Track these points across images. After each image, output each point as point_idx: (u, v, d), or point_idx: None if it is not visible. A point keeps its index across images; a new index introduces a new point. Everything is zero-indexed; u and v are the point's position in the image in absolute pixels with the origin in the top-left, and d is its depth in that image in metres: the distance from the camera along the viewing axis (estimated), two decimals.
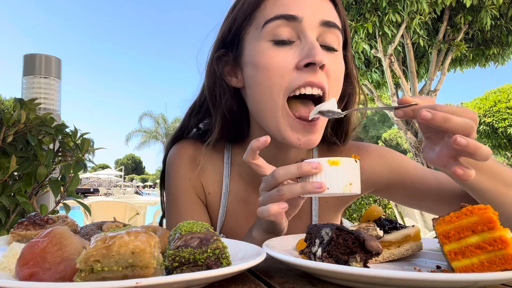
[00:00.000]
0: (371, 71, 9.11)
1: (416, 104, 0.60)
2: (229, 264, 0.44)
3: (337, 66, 0.77)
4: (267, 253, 0.53)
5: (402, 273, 0.41)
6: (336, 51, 0.76)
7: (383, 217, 0.68)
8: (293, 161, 0.83)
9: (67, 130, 1.20)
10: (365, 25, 7.04)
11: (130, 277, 0.39)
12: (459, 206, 0.50)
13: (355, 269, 0.43)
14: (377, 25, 7.17)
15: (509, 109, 10.81)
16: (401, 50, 8.52)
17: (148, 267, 0.39)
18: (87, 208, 1.25)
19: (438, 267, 0.57)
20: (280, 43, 0.73)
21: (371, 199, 4.99)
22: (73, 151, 1.21)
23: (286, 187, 0.63)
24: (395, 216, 4.72)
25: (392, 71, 8.41)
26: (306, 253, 0.57)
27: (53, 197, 1.16)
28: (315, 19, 0.73)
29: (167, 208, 0.95)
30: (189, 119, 0.94)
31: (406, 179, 0.87)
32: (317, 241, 0.55)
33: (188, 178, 0.91)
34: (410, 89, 8.47)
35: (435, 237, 0.54)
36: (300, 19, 0.72)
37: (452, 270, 0.49)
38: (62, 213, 1.02)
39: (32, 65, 1.61)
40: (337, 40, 0.76)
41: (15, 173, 1.10)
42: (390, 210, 5.31)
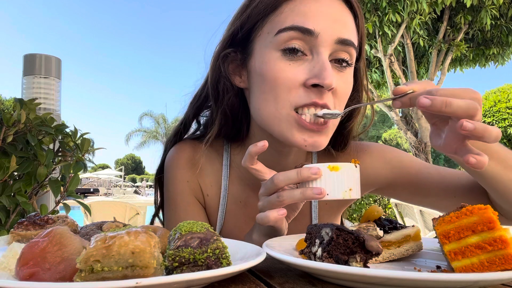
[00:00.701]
0: (371, 71, 9.11)
1: (412, 92, 0.58)
2: (229, 264, 0.44)
3: (345, 85, 0.73)
4: (267, 253, 0.53)
5: (402, 273, 0.41)
6: (348, 66, 0.73)
7: (383, 217, 0.68)
8: (292, 164, 0.82)
9: (67, 130, 1.20)
10: (365, 25, 7.03)
11: (130, 277, 0.39)
12: (459, 206, 0.50)
13: (355, 269, 0.43)
14: (377, 25, 7.17)
15: (509, 109, 10.82)
16: (401, 50, 8.53)
17: (148, 267, 0.39)
18: (87, 208, 1.25)
19: (438, 267, 0.57)
20: (291, 56, 0.69)
21: (371, 199, 5.00)
22: (73, 151, 1.21)
23: (285, 192, 0.62)
24: (395, 216, 4.72)
25: (392, 71, 8.42)
26: (306, 253, 0.57)
27: (53, 197, 1.16)
28: (331, 36, 0.68)
29: (165, 210, 0.94)
30: (190, 109, 0.92)
31: (409, 176, 0.86)
32: (317, 241, 0.55)
33: (186, 180, 0.90)
34: None
35: (435, 237, 0.54)
36: (316, 35, 0.68)
37: (452, 270, 0.49)
38: (62, 213, 1.02)
39: (32, 65, 1.61)
40: (350, 57, 0.73)
41: (15, 173, 1.10)
42: (390, 210, 5.31)
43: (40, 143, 1.12)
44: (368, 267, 0.52)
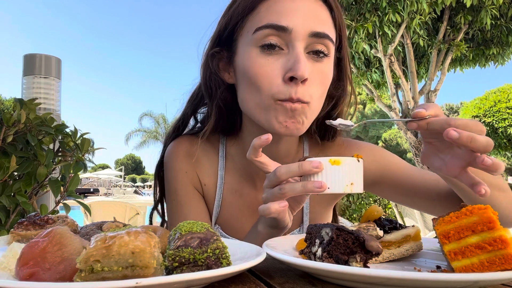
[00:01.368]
0: (371, 71, 9.10)
1: (430, 117, 0.61)
2: (229, 264, 0.44)
3: (322, 75, 0.77)
4: (267, 253, 0.53)
5: (402, 273, 0.41)
6: (325, 56, 0.77)
7: (383, 217, 0.68)
8: (284, 154, 0.90)
9: (67, 130, 1.20)
10: (365, 25, 7.04)
11: (130, 277, 0.39)
12: (459, 206, 0.50)
13: (355, 269, 0.43)
14: (377, 25, 7.17)
15: (509, 109, 10.81)
16: (401, 50, 8.52)
17: (148, 267, 0.39)
18: (87, 208, 1.25)
19: (438, 267, 0.57)
20: (268, 51, 0.75)
21: (371, 199, 5.00)
22: (73, 151, 1.21)
23: (287, 185, 0.64)
24: (395, 216, 4.72)
25: (392, 71, 8.42)
26: (306, 253, 0.57)
27: (53, 197, 1.16)
28: (304, 31, 0.73)
29: (167, 201, 0.99)
30: (188, 105, 0.98)
31: (394, 175, 0.92)
32: (317, 241, 0.55)
33: (185, 171, 0.95)
34: (410, 89, 8.47)
35: (435, 237, 0.54)
36: (290, 31, 0.73)
37: (452, 270, 0.49)
38: (62, 213, 1.02)
39: (32, 65, 1.61)
40: (327, 48, 0.77)
41: (15, 173, 1.10)
42: (390, 210, 5.31)
43: (40, 143, 1.12)
44: (368, 267, 0.52)
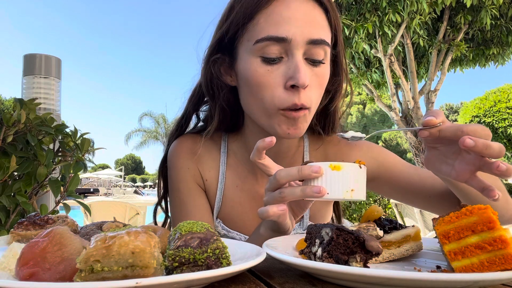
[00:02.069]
0: (371, 71, 9.10)
1: (440, 125, 0.61)
2: (229, 264, 0.44)
3: (321, 78, 0.80)
4: (267, 253, 0.53)
5: (402, 273, 0.41)
6: (322, 63, 0.80)
7: (383, 217, 0.68)
8: (284, 148, 0.92)
9: (67, 130, 1.21)
10: (365, 25, 7.04)
11: (130, 277, 0.39)
12: (459, 206, 0.50)
13: (355, 269, 0.43)
14: (377, 25, 7.17)
15: (509, 109, 10.80)
16: (401, 50, 8.52)
17: (148, 267, 0.39)
18: (87, 208, 1.25)
19: (438, 267, 0.57)
20: (269, 61, 0.77)
21: (371, 199, 5.00)
22: (73, 151, 1.21)
23: (287, 189, 0.64)
24: (395, 216, 4.72)
25: (392, 71, 8.42)
26: (306, 253, 0.57)
27: (53, 197, 1.17)
28: (302, 38, 0.75)
29: (170, 197, 1.01)
30: (189, 104, 1.00)
31: (391, 173, 0.94)
32: (317, 241, 0.55)
33: (187, 167, 0.98)
34: (410, 89, 8.47)
35: (435, 237, 0.54)
36: (289, 41, 0.75)
37: (452, 270, 0.49)
38: (62, 213, 1.02)
39: (32, 65, 1.61)
40: (324, 53, 0.80)
41: (15, 173, 1.10)
42: (390, 210, 5.31)
43: (40, 143, 1.12)
44: (368, 267, 0.52)
